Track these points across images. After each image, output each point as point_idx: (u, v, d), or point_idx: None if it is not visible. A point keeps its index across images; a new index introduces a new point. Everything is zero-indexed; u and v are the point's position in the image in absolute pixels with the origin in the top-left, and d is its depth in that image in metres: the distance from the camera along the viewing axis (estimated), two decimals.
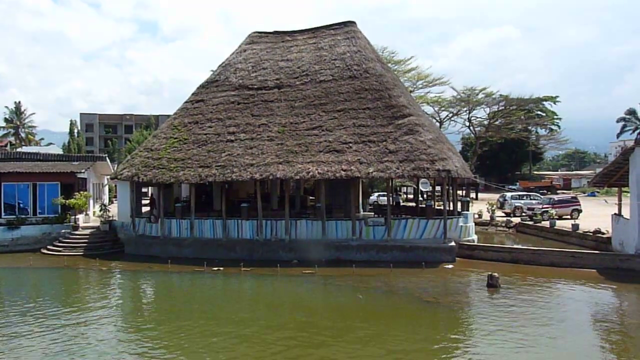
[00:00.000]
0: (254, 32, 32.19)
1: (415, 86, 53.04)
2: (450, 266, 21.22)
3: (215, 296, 18.57)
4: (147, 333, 13.56)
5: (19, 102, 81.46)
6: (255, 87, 27.93)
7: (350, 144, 23.57)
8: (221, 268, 21.33)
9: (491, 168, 75.03)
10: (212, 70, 32.10)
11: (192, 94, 29.20)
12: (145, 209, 30.90)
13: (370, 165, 22.56)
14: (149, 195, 37.96)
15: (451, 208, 25.20)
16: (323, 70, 27.64)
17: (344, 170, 22.57)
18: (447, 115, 60.50)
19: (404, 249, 22.34)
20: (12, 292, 19.15)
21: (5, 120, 79.62)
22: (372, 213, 32.34)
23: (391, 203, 24.70)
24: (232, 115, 26.69)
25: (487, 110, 61.18)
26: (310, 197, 33.04)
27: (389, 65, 41.80)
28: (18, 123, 79.36)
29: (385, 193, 31.21)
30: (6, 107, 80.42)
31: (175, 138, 26.46)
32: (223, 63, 30.53)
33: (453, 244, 22.37)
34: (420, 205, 29.99)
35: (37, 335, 13.07)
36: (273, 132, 25.15)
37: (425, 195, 36.21)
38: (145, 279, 21.14)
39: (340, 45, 28.83)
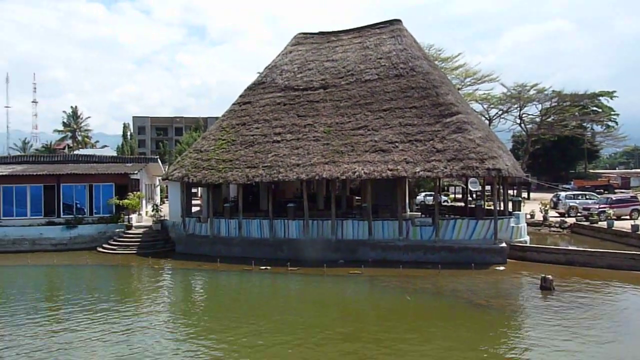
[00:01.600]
0: (300, 34, 32.41)
1: (463, 83, 52.04)
2: (501, 268, 20.64)
3: (264, 295, 18.77)
4: (199, 330, 13.86)
5: (76, 107, 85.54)
6: (301, 87, 28.10)
7: (397, 144, 23.32)
8: (269, 267, 21.59)
9: (544, 167, 72.63)
10: (258, 72, 32.56)
11: (240, 95, 29.68)
12: (195, 209, 31.66)
13: (417, 165, 22.24)
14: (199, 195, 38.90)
15: (502, 208, 24.52)
16: (368, 69, 27.48)
17: (390, 170, 22.35)
18: (496, 113, 58.99)
19: (453, 250, 21.91)
20: (71, 287, 20.01)
21: (64, 124, 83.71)
22: (419, 213, 31.92)
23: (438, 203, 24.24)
24: (279, 116, 26.95)
25: (539, 106, 59.09)
26: (357, 197, 32.91)
27: (436, 62, 41.10)
28: (75, 127, 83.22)
29: (433, 193, 30.71)
30: (64, 111, 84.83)
31: (224, 139, 26.96)
32: (269, 65, 30.89)
33: (504, 245, 21.76)
34: (469, 205, 29.35)
35: (96, 328, 13.61)
36: (319, 132, 25.22)
37: (474, 195, 35.43)
38: (196, 277, 21.64)
39: (386, 43, 28.58)
